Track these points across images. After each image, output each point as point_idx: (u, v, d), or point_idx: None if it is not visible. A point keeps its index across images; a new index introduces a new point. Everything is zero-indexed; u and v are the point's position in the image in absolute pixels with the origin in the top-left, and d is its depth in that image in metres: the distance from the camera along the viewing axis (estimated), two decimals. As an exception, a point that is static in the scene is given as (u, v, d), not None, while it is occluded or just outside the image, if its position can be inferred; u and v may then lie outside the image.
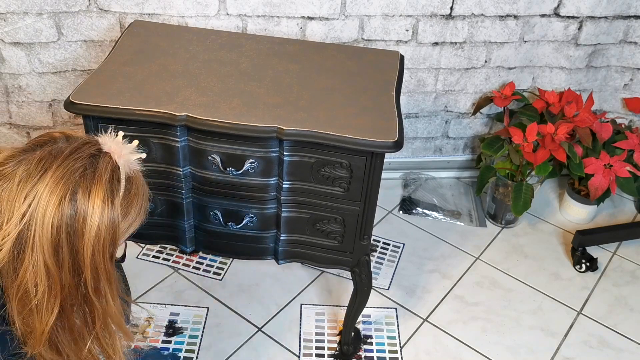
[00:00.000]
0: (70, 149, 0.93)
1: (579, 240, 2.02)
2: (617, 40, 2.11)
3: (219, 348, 1.67)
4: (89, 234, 0.91)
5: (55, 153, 0.92)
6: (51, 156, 0.91)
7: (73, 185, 0.90)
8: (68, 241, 0.90)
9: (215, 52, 1.53)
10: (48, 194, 0.88)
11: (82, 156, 0.92)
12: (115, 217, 0.93)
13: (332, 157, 1.29)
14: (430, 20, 1.97)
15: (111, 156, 0.96)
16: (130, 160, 0.99)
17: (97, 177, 0.92)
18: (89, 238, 0.91)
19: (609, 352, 1.74)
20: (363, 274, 1.48)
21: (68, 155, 0.91)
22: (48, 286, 0.91)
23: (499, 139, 2.05)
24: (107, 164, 0.94)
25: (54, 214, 0.88)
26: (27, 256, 0.89)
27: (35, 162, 0.90)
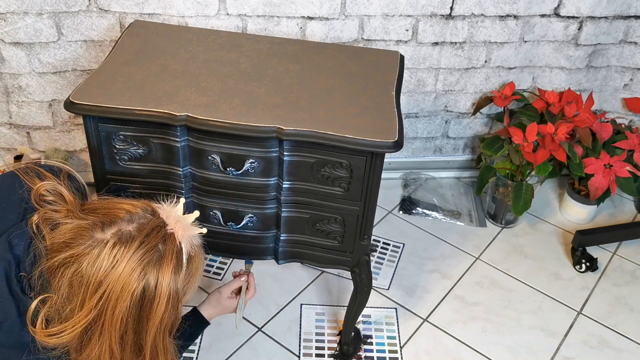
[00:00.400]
0: (141, 237, 0.96)
1: (579, 240, 2.02)
2: (617, 40, 2.11)
3: (219, 348, 1.67)
4: (153, 320, 0.96)
5: (125, 239, 0.95)
6: (122, 244, 0.95)
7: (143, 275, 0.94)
8: (134, 328, 0.96)
9: (215, 52, 1.53)
10: (120, 287, 0.93)
11: (151, 246, 0.96)
12: (177, 300, 0.99)
13: (332, 157, 1.29)
14: (430, 20, 1.97)
15: (175, 238, 0.99)
16: (191, 238, 1.03)
17: (164, 266, 0.96)
18: (153, 324, 0.97)
19: (609, 352, 1.74)
20: (363, 274, 1.48)
21: (139, 246, 0.95)
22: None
23: (499, 139, 2.05)
24: (172, 251, 0.98)
25: (124, 306, 0.93)
26: (94, 339, 0.95)
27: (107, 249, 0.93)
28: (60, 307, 0.95)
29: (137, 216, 0.99)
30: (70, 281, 0.94)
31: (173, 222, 1.01)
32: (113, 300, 0.93)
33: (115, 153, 1.33)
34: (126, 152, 1.33)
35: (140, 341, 0.98)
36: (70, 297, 0.94)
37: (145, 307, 0.95)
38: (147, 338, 0.97)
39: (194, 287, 1.05)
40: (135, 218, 0.99)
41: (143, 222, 0.99)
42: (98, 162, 1.35)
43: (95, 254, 0.93)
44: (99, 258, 0.93)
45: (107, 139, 1.32)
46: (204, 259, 1.08)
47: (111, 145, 1.32)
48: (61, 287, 0.94)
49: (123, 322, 0.94)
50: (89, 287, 0.93)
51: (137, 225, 0.98)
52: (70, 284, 0.94)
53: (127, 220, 0.98)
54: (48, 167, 1.13)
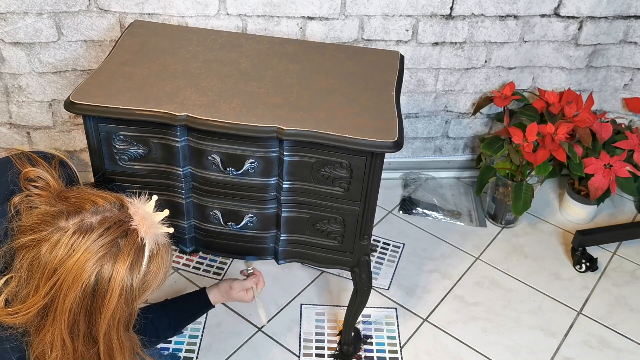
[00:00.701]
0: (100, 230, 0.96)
1: (579, 240, 2.02)
2: (617, 40, 2.11)
3: (219, 348, 1.67)
4: (105, 313, 0.97)
5: (85, 230, 0.96)
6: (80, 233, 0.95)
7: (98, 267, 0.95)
8: (86, 317, 0.97)
9: (215, 52, 1.53)
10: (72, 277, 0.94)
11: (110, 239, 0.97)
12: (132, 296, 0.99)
13: (332, 157, 1.29)
14: (430, 20, 1.97)
15: (138, 234, 0.99)
16: (157, 235, 1.02)
17: (119, 261, 0.96)
18: (105, 317, 0.97)
19: (609, 352, 1.74)
20: (363, 274, 1.48)
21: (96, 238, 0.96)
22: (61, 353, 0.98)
23: (499, 139, 2.05)
24: (131, 247, 0.98)
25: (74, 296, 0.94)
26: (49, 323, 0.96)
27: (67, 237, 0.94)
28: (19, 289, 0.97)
29: (103, 209, 1.00)
30: (29, 264, 0.95)
31: (139, 218, 1.00)
32: (65, 288, 0.94)
33: (115, 153, 1.33)
34: (126, 152, 1.33)
35: (93, 333, 0.98)
36: (28, 280, 0.96)
37: (97, 299, 0.96)
38: (100, 331, 0.98)
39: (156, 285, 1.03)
40: (101, 210, 0.99)
41: (107, 215, 0.99)
42: (98, 162, 1.35)
43: (54, 241, 0.94)
44: (57, 245, 0.94)
45: (107, 139, 1.32)
46: (170, 259, 1.06)
47: (111, 145, 1.32)
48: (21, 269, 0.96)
49: (72, 312, 0.95)
50: (44, 273, 0.94)
51: (100, 218, 0.98)
52: (29, 268, 0.95)
53: (91, 211, 0.99)
54: (41, 154, 1.15)
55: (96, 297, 0.96)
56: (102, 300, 0.96)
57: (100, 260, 0.95)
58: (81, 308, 0.96)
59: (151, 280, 1.02)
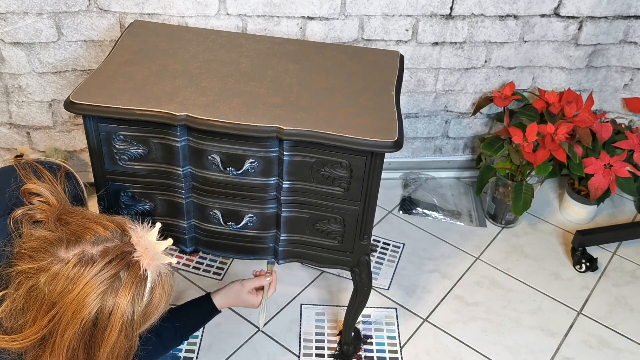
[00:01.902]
0: (102, 264, 0.93)
1: (579, 240, 2.02)
2: (617, 40, 2.11)
3: (219, 348, 1.67)
4: (104, 348, 0.94)
5: (86, 262, 0.93)
6: (82, 266, 0.92)
7: (99, 303, 0.92)
8: (84, 351, 0.94)
9: (215, 52, 1.53)
10: (72, 312, 0.91)
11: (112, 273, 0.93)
12: (132, 330, 0.96)
13: (332, 157, 1.29)
14: (430, 20, 1.97)
15: (140, 266, 0.96)
16: (160, 267, 0.99)
17: (120, 295, 0.93)
18: (104, 352, 0.95)
19: (609, 352, 1.74)
20: (363, 274, 1.48)
21: (98, 272, 0.92)
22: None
23: (499, 139, 2.05)
24: (133, 280, 0.95)
25: (73, 332, 0.91)
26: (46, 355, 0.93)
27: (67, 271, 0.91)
28: (16, 316, 0.94)
29: (104, 238, 0.96)
30: (27, 293, 0.92)
31: (142, 249, 0.97)
32: (64, 322, 0.91)
33: (115, 153, 1.33)
34: (126, 152, 1.33)
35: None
36: (24, 310, 0.93)
37: (97, 334, 0.93)
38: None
39: (156, 317, 1.02)
40: (102, 240, 0.96)
41: (109, 245, 0.96)
42: (98, 162, 1.35)
43: (53, 272, 0.91)
44: (57, 277, 0.91)
45: (107, 139, 1.32)
46: (171, 288, 1.04)
47: (111, 145, 1.32)
48: (17, 295, 0.93)
49: (71, 346, 0.92)
50: (43, 305, 0.91)
51: (101, 249, 0.95)
52: (27, 296, 0.92)
53: (92, 241, 0.95)
54: (47, 165, 1.12)
55: (96, 332, 0.93)
56: (101, 335, 0.94)
57: (102, 295, 0.92)
58: (80, 343, 0.93)
59: (152, 310, 1.00)
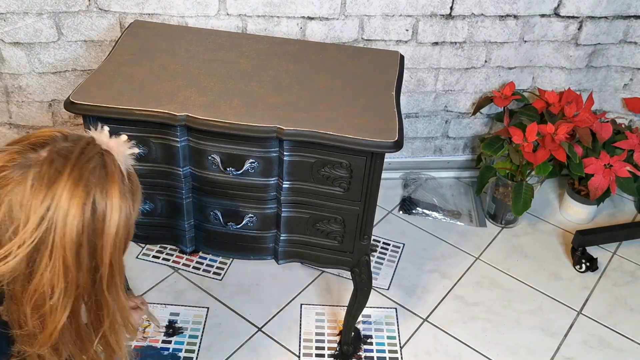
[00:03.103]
0: (79, 149, 0.91)
1: (579, 240, 2.02)
2: (617, 40, 2.11)
3: (219, 348, 1.67)
4: (107, 232, 0.91)
5: (64, 153, 0.90)
6: (61, 157, 0.89)
7: (91, 185, 0.89)
8: (89, 241, 0.90)
9: (215, 52, 1.53)
10: (68, 197, 0.87)
11: (92, 156, 0.91)
12: (129, 212, 0.94)
13: (332, 157, 1.29)
14: (430, 20, 1.97)
15: (112, 153, 0.95)
16: (126, 156, 0.99)
17: (109, 176, 0.91)
18: (109, 236, 0.91)
19: (609, 352, 1.74)
20: (363, 274, 1.48)
21: (79, 156, 0.90)
22: (64, 287, 0.90)
23: (499, 139, 2.05)
24: (114, 162, 0.94)
25: (76, 216, 0.87)
26: (45, 260, 0.87)
27: (47, 164, 0.88)
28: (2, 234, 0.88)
29: (70, 136, 0.94)
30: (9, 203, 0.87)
31: (106, 141, 0.96)
32: (62, 212, 0.87)
33: (115, 153, 1.33)
34: (126, 152, 1.33)
35: (97, 258, 0.92)
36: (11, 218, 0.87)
37: (98, 219, 0.90)
38: (104, 253, 0.92)
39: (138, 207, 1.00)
40: (69, 138, 0.94)
41: (76, 139, 0.94)
42: (98, 162, 1.35)
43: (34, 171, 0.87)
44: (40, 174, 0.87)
45: (107, 139, 1.32)
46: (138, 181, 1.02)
47: (111, 145, 1.32)
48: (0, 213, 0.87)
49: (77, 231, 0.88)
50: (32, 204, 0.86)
51: (71, 142, 0.93)
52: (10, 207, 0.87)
53: (60, 138, 0.93)
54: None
55: (97, 217, 0.89)
56: (103, 219, 0.90)
57: (92, 179, 0.89)
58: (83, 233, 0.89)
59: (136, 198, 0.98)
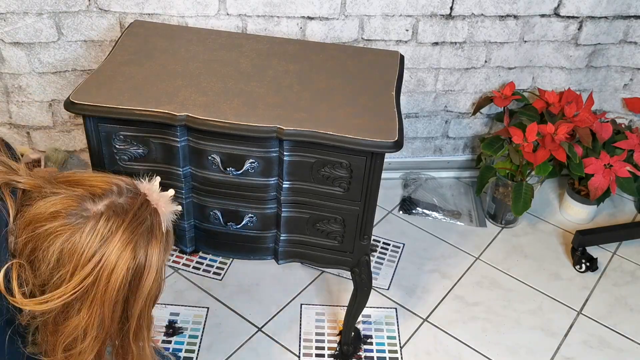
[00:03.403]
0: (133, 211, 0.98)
1: (579, 240, 2.02)
2: (617, 40, 2.11)
3: (219, 348, 1.67)
4: (143, 290, 0.98)
5: (119, 212, 0.96)
6: (117, 216, 0.96)
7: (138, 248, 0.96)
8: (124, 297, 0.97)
9: (215, 52, 1.53)
10: (116, 257, 0.94)
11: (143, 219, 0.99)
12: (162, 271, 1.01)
13: (332, 157, 1.29)
14: (430, 20, 1.97)
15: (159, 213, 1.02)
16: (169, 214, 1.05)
17: (154, 239, 0.99)
18: (143, 293, 0.98)
19: (609, 352, 1.74)
20: (363, 274, 1.48)
21: (132, 219, 0.97)
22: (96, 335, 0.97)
23: (499, 139, 2.05)
24: (159, 225, 1.01)
25: (120, 275, 0.94)
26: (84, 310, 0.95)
27: (103, 221, 0.94)
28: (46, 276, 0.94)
29: (125, 190, 1.01)
30: (60, 250, 0.93)
31: (156, 198, 1.03)
32: (108, 270, 0.93)
33: (115, 153, 1.33)
34: (126, 152, 1.33)
35: (128, 312, 0.99)
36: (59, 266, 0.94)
37: (136, 277, 0.97)
38: (135, 308, 0.99)
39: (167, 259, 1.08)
40: (124, 192, 1.00)
41: (131, 196, 1.00)
42: (98, 162, 1.35)
43: (91, 226, 0.94)
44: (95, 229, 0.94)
45: (107, 139, 1.32)
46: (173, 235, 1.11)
47: (111, 145, 1.33)
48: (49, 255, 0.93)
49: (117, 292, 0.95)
50: (82, 256, 0.93)
51: (126, 199, 0.99)
52: (61, 253, 0.93)
53: (117, 193, 0.99)
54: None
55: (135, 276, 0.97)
56: (140, 278, 0.97)
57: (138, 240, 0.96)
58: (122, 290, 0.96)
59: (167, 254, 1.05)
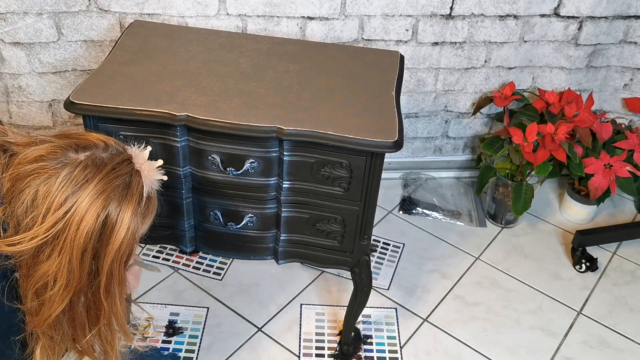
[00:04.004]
0: (112, 164, 1.00)
1: (579, 240, 2.02)
2: (617, 40, 2.11)
3: (219, 348, 1.67)
4: (112, 244, 0.99)
5: (98, 163, 0.99)
6: (94, 166, 0.98)
7: (110, 200, 0.97)
8: (93, 248, 0.98)
9: (215, 52, 1.53)
10: (88, 204, 0.95)
11: (121, 174, 1.00)
12: (135, 231, 1.02)
13: (332, 157, 1.29)
14: (430, 20, 1.97)
15: (140, 175, 1.04)
16: (153, 181, 1.07)
17: (129, 196, 1.00)
18: (112, 248, 0.99)
19: (609, 352, 1.74)
20: (363, 274, 1.48)
21: (110, 171, 0.99)
22: (66, 282, 0.98)
23: (499, 139, 2.05)
24: (138, 184, 1.03)
25: (89, 223, 0.96)
26: (54, 255, 0.96)
27: (80, 169, 0.96)
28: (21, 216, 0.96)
29: (111, 148, 1.04)
30: (36, 191, 0.95)
31: (140, 162, 1.05)
32: (78, 216, 0.95)
33: (115, 153, 1.33)
34: (126, 152, 1.33)
35: (98, 265, 1.00)
36: (33, 208, 0.95)
37: (107, 230, 0.98)
38: (105, 262, 1.00)
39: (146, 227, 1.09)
40: (109, 149, 1.03)
41: (115, 153, 1.03)
42: (98, 162, 1.35)
43: (67, 171, 0.96)
44: (71, 175, 0.96)
45: (107, 139, 1.32)
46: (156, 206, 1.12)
47: (111, 145, 1.32)
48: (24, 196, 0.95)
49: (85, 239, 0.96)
50: (55, 200, 0.94)
51: (109, 155, 1.02)
52: (36, 194, 0.95)
53: (102, 148, 1.02)
54: None
55: (106, 228, 0.98)
56: (111, 232, 0.98)
57: (112, 193, 0.98)
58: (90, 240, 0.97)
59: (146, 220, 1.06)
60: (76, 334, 1.06)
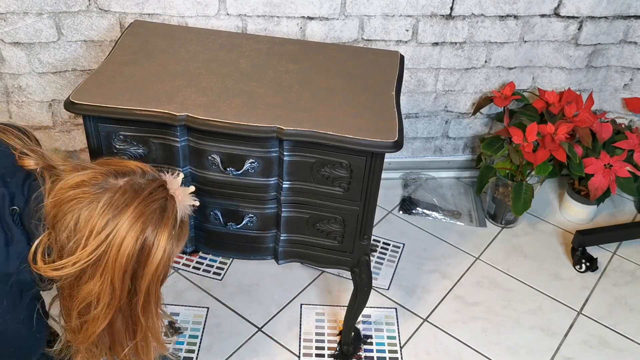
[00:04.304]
0: (150, 189, 1.07)
1: (579, 240, 2.02)
2: (617, 40, 2.11)
3: (219, 348, 1.67)
4: (150, 265, 1.05)
5: (136, 188, 1.05)
6: (133, 191, 1.04)
7: (148, 223, 1.03)
8: (132, 269, 1.04)
9: (215, 52, 1.53)
10: (127, 227, 1.01)
11: (158, 198, 1.07)
12: (171, 253, 1.08)
13: (332, 157, 1.29)
14: (430, 20, 1.97)
15: (175, 201, 1.10)
16: (186, 205, 1.14)
17: (165, 219, 1.06)
18: (150, 269, 1.05)
19: (609, 352, 1.74)
20: (363, 274, 1.48)
21: (147, 195, 1.05)
22: (108, 302, 1.04)
23: (499, 139, 2.05)
24: (173, 209, 1.09)
25: (129, 245, 1.01)
26: (97, 276, 1.02)
27: (120, 194, 1.03)
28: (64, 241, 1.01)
29: (148, 174, 1.10)
30: (78, 216, 1.00)
31: (175, 187, 1.12)
32: (119, 239, 1.00)
33: (115, 153, 1.33)
34: (126, 152, 1.33)
35: (136, 285, 1.06)
36: (76, 232, 1.01)
37: (145, 252, 1.04)
38: (143, 282, 1.06)
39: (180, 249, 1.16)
40: (146, 175, 1.10)
41: (151, 179, 1.10)
42: (98, 162, 1.35)
43: (108, 196, 1.01)
44: (111, 200, 1.01)
45: (107, 139, 1.32)
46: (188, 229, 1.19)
47: (111, 145, 1.32)
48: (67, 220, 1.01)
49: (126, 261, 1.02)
50: (97, 224, 1.00)
51: (146, 181, 1.08)
52: (78, 219, 1.00)
53: (139, 174, 1.08)
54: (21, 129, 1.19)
55: (144, 251, 1.03)
56: (149, 254, 1.04)
57: (150, 217, 1.03)
58: (130, 261, 1.02)
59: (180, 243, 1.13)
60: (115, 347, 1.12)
